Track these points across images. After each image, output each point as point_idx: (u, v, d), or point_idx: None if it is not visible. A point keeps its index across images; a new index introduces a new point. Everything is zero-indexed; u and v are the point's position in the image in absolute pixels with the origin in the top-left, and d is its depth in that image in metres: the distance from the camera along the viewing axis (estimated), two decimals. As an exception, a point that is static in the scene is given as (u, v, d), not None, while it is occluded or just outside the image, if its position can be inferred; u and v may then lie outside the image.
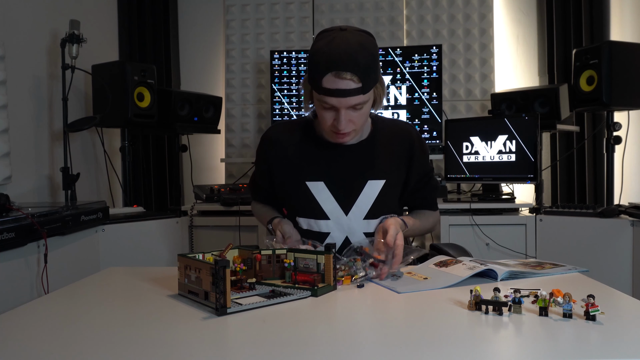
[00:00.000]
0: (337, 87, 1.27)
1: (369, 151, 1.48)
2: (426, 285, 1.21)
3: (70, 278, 1.58)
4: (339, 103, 1.29)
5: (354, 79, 1.26)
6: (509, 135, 2.57)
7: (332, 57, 1.25)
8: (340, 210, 1.45)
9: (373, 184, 1.45)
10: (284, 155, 1.50)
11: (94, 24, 2.95)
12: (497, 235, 2.56)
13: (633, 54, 2.48)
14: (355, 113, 1.33)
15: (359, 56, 1.26)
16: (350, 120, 1.34)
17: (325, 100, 1.30)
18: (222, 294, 1.00)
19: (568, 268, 1.35)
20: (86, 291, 1.26)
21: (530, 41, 3.39)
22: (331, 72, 1.26)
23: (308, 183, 1.46)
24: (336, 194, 1.45)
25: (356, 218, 1.45)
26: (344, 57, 1.25)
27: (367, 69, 1.27)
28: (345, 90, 1.27)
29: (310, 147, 1.48)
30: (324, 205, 1.45)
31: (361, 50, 1.26)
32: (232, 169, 3.51)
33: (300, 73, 3.17)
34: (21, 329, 0.96)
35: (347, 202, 1.45)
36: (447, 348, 0.84)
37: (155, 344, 0.87)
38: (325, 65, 1.26)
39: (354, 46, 1.26)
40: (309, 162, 1.47)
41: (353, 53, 1.25)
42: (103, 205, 2.28)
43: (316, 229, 1.48)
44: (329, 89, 1.27)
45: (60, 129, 2.57)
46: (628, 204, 2.46)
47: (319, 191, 1.45)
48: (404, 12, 3.40)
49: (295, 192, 1.47)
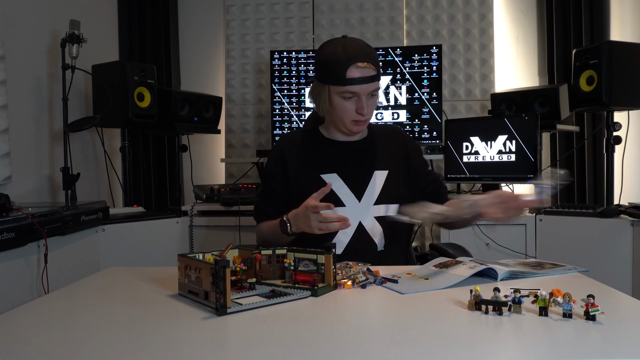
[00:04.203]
0: (361, 75, 1.48)
1: (371, 147, 1.66)
2: (429, 285, 1.21)
3: (70, 278, 1.58)
4: (362, 90, 1.50)
5: (372, 67, 1.49)
6: (509, 135, 2.58)
7: (350, 53, 1.49)
8: (354, 198, 1.58)
9: (379, 174, 1.61)
10: (297, 156, 1.64)
11: (94, 24, 2.95)
12: (497, 235, 2.56)
13: (633, 54, 2.48)
14: (371, 100, 1.54)
15: (369, 50, 1.52)
16: (369, 106, 1.54)
17: (350, 90, 1.50)
18: (222, 294, 1.00)
19: (568, 268, 1.35)
20: (86, 291, 1.26)
21: (530, 41, 3.39)
22: (353, 64, 1.47)
23: (322, 175, 1.59)
24: (348, 183, 1.59)
25: (368, 204, 1.59)
26: (360, 51, 1.50)
27: (377, 60, 1.54)
28: (367, 77, 1.49)
29: (320, 147, 1.65)
30: (340, 193, 1.57)
31: (368, 47, 1.53)
32: (232, 169, 3.51)
33: (300, 73, 3.17)
34: (21, 329, 0.96)
35: (359, 190, 1.59)
36: (447, 348, 0.84)
37: (155, 344, 0.87)
38: (347, 60, 1.48)
39: (362, 44, 1.53)
40: (321, 158, 1.63)
41: (365, 47, 1.52)
42: (103, 205, 2.28)
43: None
44: (354, 78, 1.48)
45: (60, 129, 2.57)
46: (628, 204, 2.46)
47: (334, 181, 1.57)
48: (404, 12, 3.40)
49: (311, 186, 1.55)
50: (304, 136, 1.70)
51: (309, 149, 1.65)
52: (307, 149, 1.65)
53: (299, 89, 3.17)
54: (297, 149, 1.65)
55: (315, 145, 1.66)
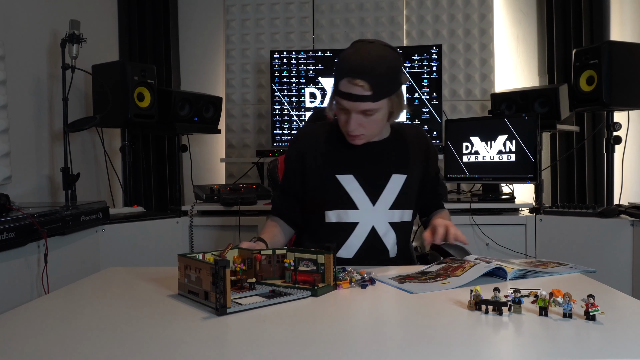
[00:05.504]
0: (349, 92, 1.40)
1: (391, 149, 1.60)
2: (438, 286, 1.19)
3: (70, 278, 1.58)
4: (350, 106, 1.42)
5: (365, 87, 1.38)
6: (509, 135, 2.57)
7: (350, 64, 1.40)
8: (369, 201, 1.54)
9: (396, 178, 1.57)
10: (315, 153, 1.60)
11: (94, 24, 2.95)
12: (497, 235, 2.56)
13: (633, 54, 2.48)
14: (365, 118, 1.44)
15: (375, 67, 1.38)
16: (361, 124, 1.45)
17: (340, 102, 1.44)
18: (222, 294, 1.00)
19: (570, 267, 1.35)
20: (86, 291, 1.26)
21: (530, 41, 3.39)
22: (346, 78, 1.39)
23: (338, 176, 1.55)
24: (364, 186, 1.55)
25: (383, 208, 1.55)
26: (360, 66, 1.38)
27: (381, 80, 1.39)
28: (356, 95, 1.39)
29: (339, 144, 1.58)
30: (354, 196, 1.54)
31: (379, 63, 1.39)
32: (232, 169, 3.51)
33: (300, 73, 3.17)
34: (21, 329, 0.96)
35: (375, 193, 1.55)
36: (447, 348, 0.84)
37: (155, 344, 0.87)
38: (344, 71, 1.40)
39: (374, 58, 1.40)
40: (339, 157, 1.58)
41: (370, 64, 1.39)
42: (103, 205, 2.27)
43: (345, 219, 1.55)
44: (343, 92, 1.41)
45: (60, 129, 2.57)
46: (628, 204, 2.45)
47: (349, 183, 1.54)
48: (404, 12, 3.40)
49: (326, 185, 1.56)
50: (324, 132, 1.62)
51: (328, 148, 1.59)
52: (325, 148, 1.59)
53: (299, 89, 3.17)
54: (316, 147, 1.60)
55: (334, 144, 1.59)
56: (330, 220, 1.56)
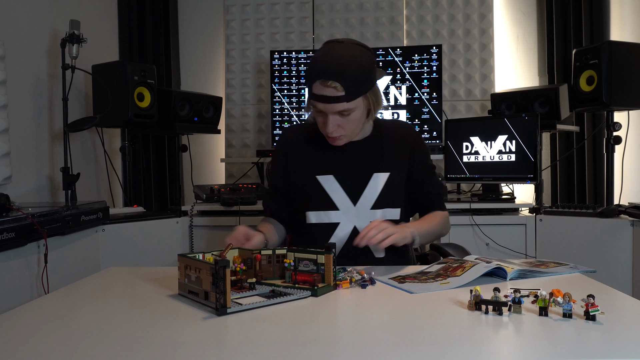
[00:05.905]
0: (323, 94, 1.40)
1: (373, 147, 1.58)
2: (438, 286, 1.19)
3: (70, 278, 1.58)
4: (325, 108, 1.42)
5: (338, 88, 1.37)
6: (509, 135, 2.57)
7: (321, 66, 1.39)
8: (349, 201, 1.53)
9: (378, 176, 1.55)
10: (297, 152, 1.61)
11: (94, 24, 2.95)
12: (497, 235, 2.56)
13: (633, 54, 2.48)
14: (343, 119, 1.44)
15: (346, 67, 1.37)
16: (339, 125, 1.45)
17: (315, 105, 1.43)
18: (222, 294, 1.00)
19: (570, 267, 1.35)
20: (86, 291, 1.26)
21: (530, 41, 3.39)
22: (319, 80, 1.39)
23: (318, 177, 1.55)
24: (345, 185, 1.54)
25: (364, 208, 1.53)
26: (330, 67, 1.37)
27: (353, 79, 1.39)
28: (329, 97, 1.39)
29: (320, 145, 1.58)
30: (334, 196, 1.54)
31: (350, 62, 1.38)
32: (232, 169, 3.51)
33: (300, 73, 3.17)
34: (21, 329, 0.96)
35: (355, 193, 1.54)
36: (447, 348, 0.84)
37: (155, 344, 0.87)
38: (315, 73, 1.39)
39: (344, 58, 1.38)
40: (319, 158, 1.58)
41: (341, 64, 1.37)
42: (103, 205, 2.27)
43: (326, 220, 1.54)
44: (317, 95, 1.41)
45: (60, 129, 2.57)
46: (628, 204, 2.46)
47: (329, 184, 1.54)
48: (404, 12, 3.40)
49: (307, 186, 1.56)
50: (307, 132, 1.63)
51: (309, 148, 1.60)
52: (307, 148, 1.61)
53: (299, 89, 3.17)
54: (299, 145, 1.61)
55: (315, 144, 1.59)
56: (311, 221, 1.56)
